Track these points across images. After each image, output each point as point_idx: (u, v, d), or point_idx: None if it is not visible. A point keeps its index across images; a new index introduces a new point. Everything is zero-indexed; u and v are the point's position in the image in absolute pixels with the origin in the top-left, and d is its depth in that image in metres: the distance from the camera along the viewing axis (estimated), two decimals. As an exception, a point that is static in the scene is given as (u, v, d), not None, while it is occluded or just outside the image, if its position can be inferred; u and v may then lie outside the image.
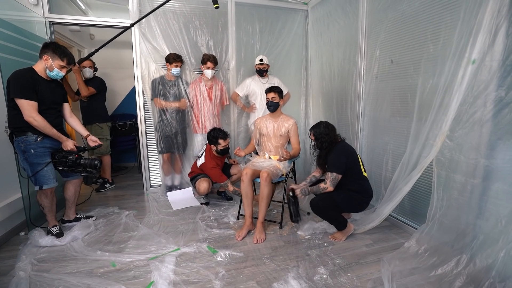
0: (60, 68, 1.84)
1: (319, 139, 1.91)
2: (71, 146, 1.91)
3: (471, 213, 1.52)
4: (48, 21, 2.53)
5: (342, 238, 1.92)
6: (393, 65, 2.08)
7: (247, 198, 2.05)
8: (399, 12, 1.99)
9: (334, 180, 1.81)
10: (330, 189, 1.82)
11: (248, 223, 2.01)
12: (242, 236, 1.95)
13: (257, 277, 1.54)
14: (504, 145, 1.39)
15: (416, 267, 1.57)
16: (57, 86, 1.95)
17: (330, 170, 1.82)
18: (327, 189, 1.82)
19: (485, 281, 1.35)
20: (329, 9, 2.81)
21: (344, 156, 1.83)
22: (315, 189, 1.87)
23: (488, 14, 1.35)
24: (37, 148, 1.81)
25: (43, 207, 1.92)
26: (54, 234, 1.91)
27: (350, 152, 1.88)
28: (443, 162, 1.63)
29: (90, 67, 2.93)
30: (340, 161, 1.82)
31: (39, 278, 1.51)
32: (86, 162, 1.90)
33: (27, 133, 1.79)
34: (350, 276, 1.53)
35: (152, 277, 1.50)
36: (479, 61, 1.41)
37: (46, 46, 1.81)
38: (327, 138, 1.88)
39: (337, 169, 1.80)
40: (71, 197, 2.12)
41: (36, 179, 1.82)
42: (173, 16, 2.75)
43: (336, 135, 1.94)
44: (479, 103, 1.45)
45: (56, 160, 1.88)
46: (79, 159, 1.90)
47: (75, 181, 2.10)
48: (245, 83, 2.86)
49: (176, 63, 2.61)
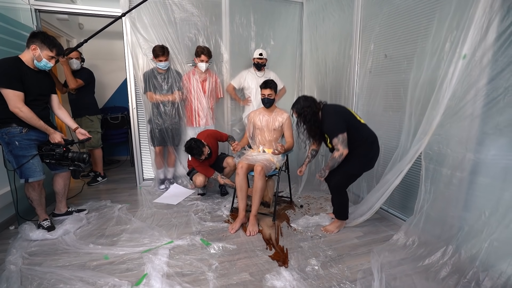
0: (49, 59, 1.78)
1: (302, 113, 1.84)
2: (58, 139, 1.87)
3: (456, 205, 1.57)
4: (34, 9, 2.44)
5: (335, 230, 1.95)
6: (386, 59, 2.09)
7: (241, 191, 2.06)
8: (394, 6, 1.99)
9: (343, 141, 1.73)
10: (345, 151, 1.74)
11: (241, 216, 2.03)
12: (235, 229, 1.97)
13: (250, 268, 1.56)
14: (490, 140, 1.43)
15: (405, 258, 1.62)
16: (45, 77, 1.89)
17: (334, 135, 1.74)
18: (343, 154, 1.74)
19: (469, 270, 1.40)
20: (324, 2, 2.78)
21: (337, 115, 1.79)
22: (332, 163, 1.80)
23: (480, 10, 1.36)
24: (22, 140, 1.76)
25: (32, 200, 1.89)
26: (45, 227, 1.89)
27: (339, 108, 1.85)
28: (431, 156, 1.66)
29: (77, 58, 2.84)
30: (337, 121, 1.76)
31: (31, 272, 1.50)
32: (74, 155, 1.86)
33: (11, 125, 1.73)
34: (341, 267, 1.57)
35: (146, 270, 1.51)
36: (470, 56, 1.43)
37: (34, 35, 1.74)
38: (310, 110, 1.82)
39: (339, 129, 1.73)
40: (61, 190, 2.09)
41: (22, 171, 1.79)
42: (165, 7, 2.68)
43: (317, 104, 1.88)
44: (468, 98, 1.48)
45: (43, 153, 1.84)
46: (67, 152, 1.86)
47: (64, 174, 2.06)
48: (241, 76, 2.84)
49: (160, 57, 2.52)
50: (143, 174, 2.97)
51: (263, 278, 1.47)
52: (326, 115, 1.82)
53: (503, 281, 1.29)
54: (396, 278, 1.45)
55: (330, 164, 1.81)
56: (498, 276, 1.32)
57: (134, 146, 2.87)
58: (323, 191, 2.74)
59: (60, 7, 2.58)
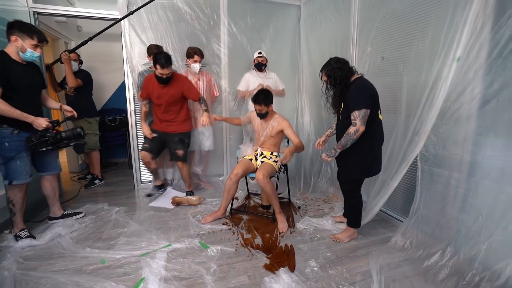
0: (33, 48, 1.71)
1: (331, 76, 1.67)
2: (45, 123, 1.76)
3: (453, 207, 1.57)
4: (33, 11, 2.43)
5: (345, 240, 1.85)
6: (383, 61, 2.11)
7: (229, 193, 2.13)
8: (390, 9, 2.01)
9: (364, 117, 1.56)
10: (362, 128, 1.57)
11: (220, 213, 2.16)
12: (208, 221, 2.11)
13: (249, 271, 1.55)
14: (485, 141, 1.44)
15: (403, 260, 1.62)
16: (34, 70, 1.83)
17: (356, 108, 1.57)
18: (359, 130, 1.57)
19: (468, 272, 1.40)
20: (322, 5, 2.81)
21: (367, 90, 1.62)
22: (345, 140, 1.62)
23: (473, 13, 1.37)
24: (12, 142, 1.71)
25: (14, 204, 1.79)
26: (23, 238, 1.80)
27: (372, 86, 1.67)
28: (427, 157, 1.67)
29: (75, 60, 2.85)
30: (365, 95, 1.59)
31: (25, 277, 1.47)
32: (68, 133, 1.85)
33: (2, 125, 1.67)
34: (340, 269, 1.57)
35: (143, 274, 1.49)
36: (464, 59, 1.44)
37: (11, 26, 1.66)
38: (341, 73, 1.65)
39: (364, 103, 1.56)
40: (50, 193, 2.05)
41: (7, 173, 1.73)
42: (164, 9, 2.68)
43: (351, 68, 1.70)
44: (462, 99, 1.49)
45: (36, 142, 1.75)
46: (59, 133, 1.81)
47: (50, 177, 2.02)
48: (245, 78, 2.85)
49: None
50: (141, 177, 2.95)
51: (261, 281, 1.46)
52: (357, 85, 1.64)
53: (502, 282, 1.29)
54: (395, 280, 1.45)
55: (343, 142, 1.63)
56: (496, 277, 1.32)
57: (132, 148, 2.85)
58: (321, 192, 2.74)
59: (59, 9, 2.57)
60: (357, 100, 1.59)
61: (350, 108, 1.61)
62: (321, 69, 1.78)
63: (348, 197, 1.85)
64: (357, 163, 1.72)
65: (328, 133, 2.00)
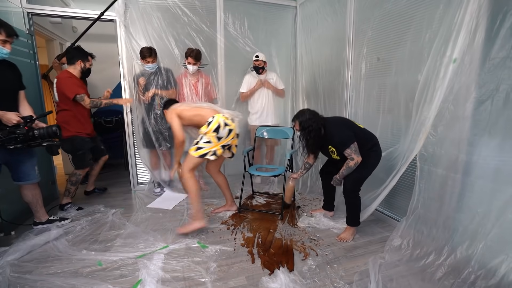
0: (2, 44, 1.59)
1: (307, 128, 1.84)
2: (15, 119, 1.62)
3: (450, 206, 1.59)
4: (27, 12, 2.41)
5: (350, 238, 1.89)
6: (379, 62, 2.12)
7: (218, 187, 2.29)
8: (386, 10, 2.02)
9: (356, 150, 1.75)
10: (359, 159, 1.75)
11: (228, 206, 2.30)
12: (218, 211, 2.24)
13: (247, 271, 1.55)
14: (481, 141, 1.46)
15: (400, 259, 1.63)
16: (7, 69, 1.71)
17: (347, 146, 1.75)
18: (358, 162, 1.75)
19: (464, 270, 1.41)
20: (318, 6, 2.82)
21: (344, 126, 1.83)
22: (346, 171, 1.80)
23: (468, 14, 1.39)
24: None
25: None
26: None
27: (342, 119, 1.91)
28: (425, 157, 1.69)
29: None
30: (346, 133, 1.78)
31: (20, 280, 1.45)
32: (42, 131, 1.67)
33: None
34: (337, 268, 1.57)
35: (140, 276, 1.48)
36: (460, 60, 1.46)
37: None
38: (315, 125, 1.82)
39: (350, 140, 1.75)
40: (32, 200, 1.94)
41: None
42: (160, 10, 2.68)
43: (320, 118, 1.88)
44: (459, 100, 1.51)
45: (4, 139, 1.59)
46: (31, 131, 1.64)
47: (29, 186, 1.87)
48: (246, 80, 2.87)
49: (147, 58, 2.48)
50: (138, 178, 2.93)
51: (259, 281, 1.45)
52: (334, 128, 1.83)
53: (497, 280, 1.30)
54: (393, 280, 1.46)
55: (344, 173, 1.81)
56: (492, 275, 1.33)
57: (129, 149, 2.84)
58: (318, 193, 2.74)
59: (54, 10, 2.56)
60: (343, 140, 1.77)
61: (340, 149, 1.79)
62: (294, 119, 1.93)
63: (349, 198, 1.88)
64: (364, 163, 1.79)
65: (299, 173, 2.13)
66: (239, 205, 2.34)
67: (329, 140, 1.84)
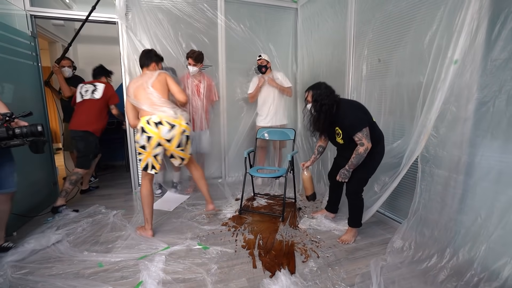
0: None
1: (319, 101, 1.70)
2: None
3: (452, 208, 1.58)
4: (30, 14, 2.43)
5: (351, 240, 1.86)
6: (380, 64, 2.12)
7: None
8: (386, 12, 2.02)
9: (367, 135, 1.65)
10: (369, 145, 1.65)
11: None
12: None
13: (248, 273, 1.55)
14: (483, 143, 1.45)
15: (402, 261, 1.62)
16: None
17: (359, 129, 1.64)
18: (368, 148, 1.65)
19: (467, 273, 1.40)
20: (319, 8, 2.83)
21: (358, 110, 1.71)
22: (356, 160, 1.68)
23: (469, 15, 1.39)
24: None
25: None
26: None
27: (357, 104, 1.75)
28: (427, 158, 1.68)
29: (69, 67, 2.91)
30: (359, 116, 1.68)
31: (21, 281, 1.45)
32: (24, 130, 1.51)
33: None
34: (338, 271, 1.56)
35: (141, 277, 1.48)
36: (461, 61, 1.45)
37: None
38: (328, 101, 1.68)
39: (363, 124, 1.65)
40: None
41: None
42: (162, 12, 2.70)
43: (335, 95, 1.75)
44: (460, 101, 1.50)
45: None
46: (11, 129, 1.49)
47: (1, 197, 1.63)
48: (253, 82, 2.90)
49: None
50: (139, 180, 2.94)
51: (261, 282, 1.45)
52: (348, 109, 1.70)
53: (501, 283, 1.29)
54: (394, 282, 1.45)
55: (354, 162, 1.69)
56: (495, 278, 1.32)
57: (130, 151, 2.84)
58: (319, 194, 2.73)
59: (56, 13, 2.58)
60: (355, 122, 1.67)
61: (351, 132, 1.68)
62: (308, 89, 1.81)
63: (352, 199, 1.87)
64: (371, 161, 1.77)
65: (313, 159, 2.08)
66: (240, 207, 2.34)
67: (340, 120, 1.72)
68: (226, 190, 2.81)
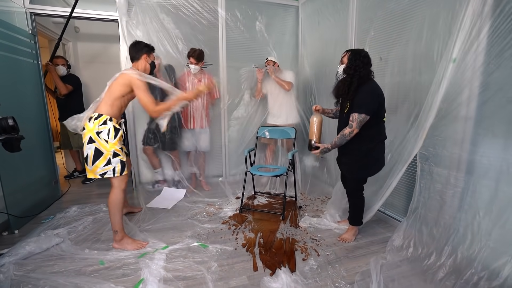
0: None
1: (353, 66, 1.64)
2: None
3: (451, 206, 1.58)
4: (30, 12, 2.42)
5: (352, 238, 1.87)
6: (381, 62, 2.12)
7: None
8: (388, 10, 2.01)
9: (361, 122, 1.60)
10: (356, 131, 1.61)
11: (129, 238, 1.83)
12: None
13: (249, 271, 1.55)
14: (483, 141, 1.45)
15: (402, 259, 1.62)
16: None
17: (358, 110, 1.59)
18: (353, 132, 1.62)
19: (466, 271, 1.41)
20: (320, 6, 2.81)
21: (377, 96, 1.62)
22: (339, 141, 1.66)
23: (469, 13, 1.38)
24: None
25: None
26: None
27: (381, 92, 1.67)
28: (426, 157, 1.68)
29: (63, 65, 2.91)
30: (372, 100, 1.60)
31: (23, 279, 1.46)
32: None
33: None
34: (338, 269, 1.57)
35: (142, 275, 1.49)
36: (460, 60, 1.45)
37: None
38: (363, 70, 1.63)
39: (367, 109, 1.59)
40: None
41: None
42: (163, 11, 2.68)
43: (371, 72, 1.68)
44: (461, 100, 1.50)
45: None
46: None
47: None
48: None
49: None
50: (139, 177, 2.94)
51: (261, 280, 1.46)
52: (369, 89, 1.63)
53: (501, 282, 1.30)
54: (394, 280, 1.45)
55: (338, 142, 1.68)
56: (495, 276, 1.32)
57: (130, 149, 2.85)
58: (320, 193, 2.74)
59: (56, 10, 2.57)
60: (362, 103, 1.61)
61: (353, 108, 1.64)
62: (348, 50, 1.74)
63: (352, 197, 1.87)
64: (361, 163, 1.76)
65: (328, 110, 1.99)
66: (241, 205, 2.34)
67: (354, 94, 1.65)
68: (227, 188, 2.82)
